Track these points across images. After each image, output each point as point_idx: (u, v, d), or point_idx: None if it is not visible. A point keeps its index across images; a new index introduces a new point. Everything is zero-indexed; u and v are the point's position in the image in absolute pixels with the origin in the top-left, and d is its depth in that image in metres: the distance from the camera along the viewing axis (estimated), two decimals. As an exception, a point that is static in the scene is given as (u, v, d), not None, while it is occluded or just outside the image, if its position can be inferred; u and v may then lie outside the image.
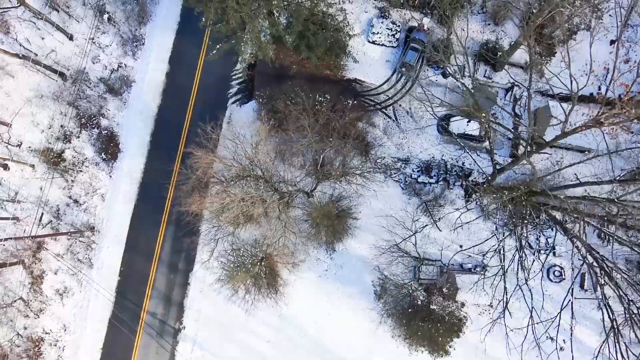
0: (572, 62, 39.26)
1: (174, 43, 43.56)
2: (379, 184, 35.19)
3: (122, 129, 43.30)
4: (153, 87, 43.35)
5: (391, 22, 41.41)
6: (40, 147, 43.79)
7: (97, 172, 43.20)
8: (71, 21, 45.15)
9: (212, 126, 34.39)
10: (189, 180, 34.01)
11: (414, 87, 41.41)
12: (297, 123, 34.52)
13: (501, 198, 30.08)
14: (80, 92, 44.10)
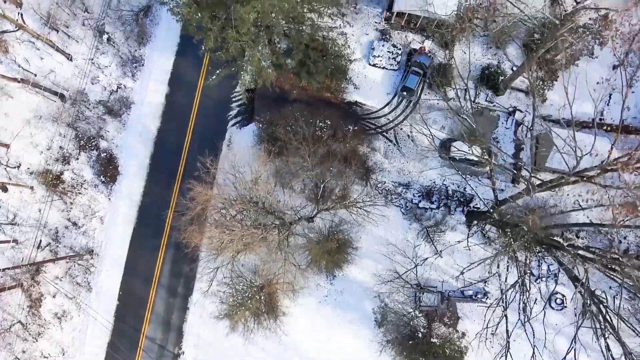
0: (574, 87, 39.27)
1: (174, 64, 43.28)
2: (379, 215, 34.82)
3: (121, 151, 43.05)
4: (152, 109, 43.09)
5: (392, 45, 41.11)
6: (39, 168, 43.57)
7: (96, 195, 42.97)
8: (70, 41, 44.89)
9: (210, 160, 34.07)
10: (187, 211, 33.72)
11: (415, 111, 41.18)
12: (297, 154, 34.26)
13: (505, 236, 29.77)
14: (80, 114, 43.87)
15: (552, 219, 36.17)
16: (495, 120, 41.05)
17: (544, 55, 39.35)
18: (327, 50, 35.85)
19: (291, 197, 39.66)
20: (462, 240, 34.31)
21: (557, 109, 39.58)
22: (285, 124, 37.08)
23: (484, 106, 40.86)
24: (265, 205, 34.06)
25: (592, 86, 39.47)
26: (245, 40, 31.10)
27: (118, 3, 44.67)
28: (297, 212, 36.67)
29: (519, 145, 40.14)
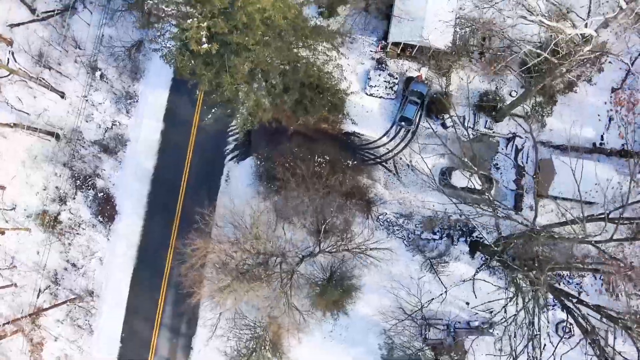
0: (573, 112, 38.98)
1: (168, 100, 42.76)
2: (383, 256, 34.35)
3: (118, 190, 42.51)
4: (148, 145, 42.56)
5: (388, 74, 40.70)
6: (35, 209, 42.99)
7: (95, 235, 42.43)
8: (63, 79, 44.31)
9: (209, 211, 33.71)
10: (187, 259, 33.26)
11: (413, 140, 40.77)
12: (297, 192, 33.89)
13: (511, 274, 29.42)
14: (75, 152, 43.32)
15: (557, 250, 35.84)
16: (495, 147, 40.68)
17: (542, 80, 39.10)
18: (323, 86, 35.33)
19: (292, 232, 39.27)
20: (466, 279, 33.88)
21: (556, 134, 39.28)
22: (283, 162, 36.68)
23: (483, 132, 40.49)
24: (267, 248, 33.62)
25: (592, 111, 39.32)
26: (241, 84, 30.64)
27: (110, 39, 44.13)
28: (299, 252, 36.29)
29: (520, 171, 39.76)
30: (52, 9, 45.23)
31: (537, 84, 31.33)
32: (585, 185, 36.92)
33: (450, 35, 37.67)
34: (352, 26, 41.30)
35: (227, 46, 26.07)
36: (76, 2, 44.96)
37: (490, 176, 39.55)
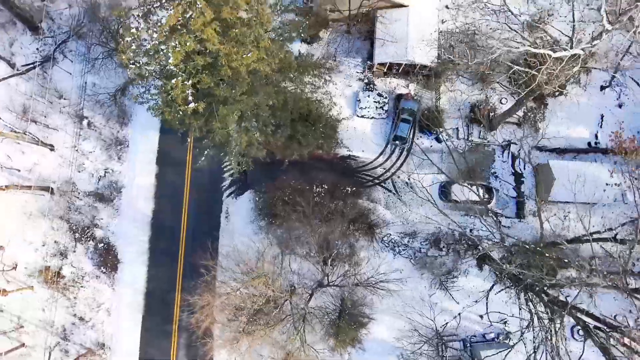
0: (564, 114, 38.97)
1: (159, 142, 42.35)
2: (394, 289, 34.07)
3: (118, 238, 41.99)
4: (144, 190, 42.09)
5: (377, 94, 40.51)
6: (36, 266, 42.36)
7: (99, 286, 41.85)
8: (50, 131, 43.79)
9: (212, 263, 33.35)
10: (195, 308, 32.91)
11: (409, 157, 40.60)
12: (299, 229, 33.67)
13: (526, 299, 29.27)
14: (70, 204, 42.78)
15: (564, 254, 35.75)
16: (491, 155, 40.60)
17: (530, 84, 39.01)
18: (314, 116, 35.04)
19: (298, 264, 38.96)
20: (478, 300, 33.74)
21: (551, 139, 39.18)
22: (281, 196, 36.39)
23: (478, 142, 40.39)
24: (275, 286, 33.33)
25: (583, 111, 39.30)
26: (231, 129, 30.29)
27: (94, 86, 43.67)
28: (308, 284, 36.04)
29: (519, 178, 39.67)
30: (31, 61, 44.83)
31: (528, 97, 31.24)
32: (585, 187, 37.04)
33: (435, 50, 37.53)
34: (336, 50, 41.18)
35: (214, 97, 25.73)
36: (55, 52, 44.58)
37: (490, 186, 39.44)
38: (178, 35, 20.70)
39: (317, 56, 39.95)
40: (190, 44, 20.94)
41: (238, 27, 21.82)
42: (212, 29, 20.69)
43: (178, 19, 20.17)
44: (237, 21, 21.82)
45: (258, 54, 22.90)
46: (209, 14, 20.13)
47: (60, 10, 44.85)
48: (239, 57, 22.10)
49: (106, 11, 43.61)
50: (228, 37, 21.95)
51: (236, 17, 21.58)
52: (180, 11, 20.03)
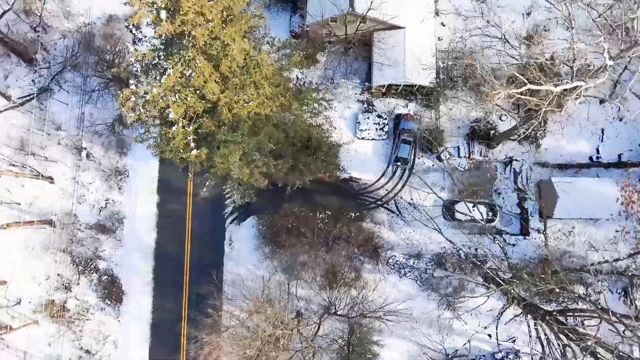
0: (565, 129, 38.79)
1: (159, 171, 42.09)
2: (402, 321, 33.88)
3: (122, 269, 41.74)
4: (146, 220, 41.85)
5: (377, 115, 40.34)
6: (41, 300, 42.13)
7: (105, 318, 41.60)
8: (49, 164, 43.51)
9: (217, 304, 33.16)
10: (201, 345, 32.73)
11: (411, 177, 40.44)
12: (304, 255, 33.53)
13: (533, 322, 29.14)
14: (72, 237, 42.53)
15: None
16: (493, 172, 40.39)
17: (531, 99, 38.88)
18: (315, 143, 34.79)
19: (305, 289, 38.79)
20: (488, 325, 33.63)
21: (554, 153, 39.12)
22: (285, 224, 36.22)
23: (480, 160, 40.25)
24: (282, 316, 33.14)
25: (584, 125, 39.19)
26: (233, 163, 30.07)
27: (91, 117, 43.40)
28: (314, 310, 35.88)
29: (522, 194, 39.55)
30: (27, 93, 44.51)
31: (528, 120, 31.14)
32: (588, 203, 37.01)
33: (433, 71, 37.37)
34: (334, 72, 41.00)
35: (215, 137, 25.49)
36: (51, 83, 44.27)
37: (493, 204, 39.31)
38: (178, 90, 20.52)
39: (315, 81, 39.81)
40: (190, 99, 20.73)
41: (237, 76, 21.64)
42: (213, 81, 20.53)
43: (178, 77, 20.00)
44: (237, 69, 21.64)
45: (259, 100, 22.70)
46: (208, 70, 19.94)
47: (54, 41, 44.53)
48: (239, 106, 21.91)
49: (100, 41, 43.43)
50: (228, 85, 21.76)
51: (236, 67, 21.40)
52: (180, 69, 19.84)
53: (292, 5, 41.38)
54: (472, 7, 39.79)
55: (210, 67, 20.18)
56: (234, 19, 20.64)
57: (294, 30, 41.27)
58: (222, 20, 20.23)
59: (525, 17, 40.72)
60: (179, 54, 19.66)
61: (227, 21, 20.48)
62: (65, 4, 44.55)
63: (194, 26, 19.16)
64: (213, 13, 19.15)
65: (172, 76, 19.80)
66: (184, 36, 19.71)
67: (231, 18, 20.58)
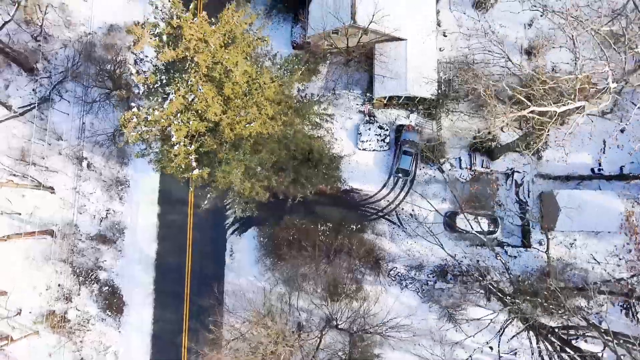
0: (566, 142, 38.68)
1: (160, 181, 41.97)
2: (405, 338, 33.79)
3: (122, 280, 41.67)
4: (147, 231, 41.77)
5: (378, 126, 40.26)
6: (41, 311, 42.06)
7: (105, 329, 41.54)
8: (49, 173, 43.43)
9: (217, 321, 33.09)
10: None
11: (413, 188, 40.37)
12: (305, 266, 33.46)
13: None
14: (73, 247, 42.45)
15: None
16: (495, 184, 40.33)
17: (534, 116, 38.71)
18: (316, 156, 34.71)
19: (305, 301, 38.72)
20: (489, 340, 33.55)
21: (556, 165, 39.05)
22: (286, 236, 36.14)
23: (481, 172, 40.17)
24: (283, 329, 33.08)
25: (585, 137, 39.14)
26: (234, 177, 29.99)
27: (92, 126, 43.34)
28: (316, 322, 35.80)
29: (523, 206, 39.46)
30: (28, 103, 44.45)
31: (529, 136, 31.09)
32: (590, 216, 36.92)
33: (435, 83, 37.29)
34: (335, 83, 40.92)
35: (217, 154, 25.42)
36: (52, 92, 44.19)
37: (494, 215, 39.22)
38: (181, 112, 20.43)
39: (316, 92, 39.74)
40: (193, 123, 20.65)
41: (239, 97, 21.55)
42: (216, 103, 20.44)
43: (180, 103, 19.89)
44: (239, 90, 21.57)
45: (261, 120, 22.62)
46: (211, 95, 19.84)
47: (55, 51, 44.45)
48: (242, 126, 21.83)
49: (101, 51, 43.36)
50: (230, 106, 21.67)
51: (238, 89, 21.30)
52: (182, 94, 19.74)
53: (294, 16, 41.28)
54: (474, 21, 39.56)
55: (213, 91, 20.12)
56: (237, 40, 20.56)
57: (295, 40, 41.18)
58: (224, 44, 20.13)
59: (527, 27, 40.66)
60: (181, 78, 19.57)
61: (229, 44, 20.41)
62: (66, 13, 44.49)
63: (196, 52, 19.08)
64: (215, 37, 19.04)
65: (175, 102, 19.72)
66: (186, 60, 19.66)
67: (233, 39, 20.51)
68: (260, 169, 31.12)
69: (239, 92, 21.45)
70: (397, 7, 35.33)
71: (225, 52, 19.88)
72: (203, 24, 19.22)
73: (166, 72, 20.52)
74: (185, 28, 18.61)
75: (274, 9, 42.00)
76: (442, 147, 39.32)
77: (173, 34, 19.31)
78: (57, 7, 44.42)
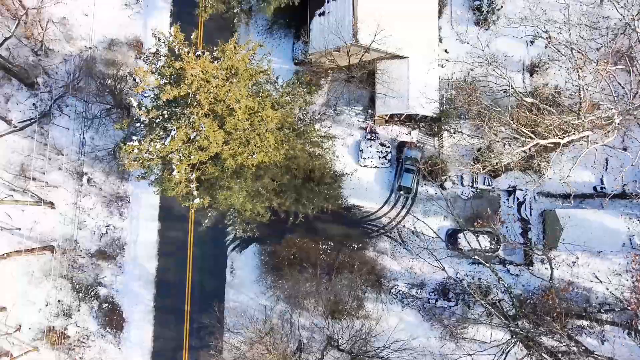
0: (569, 159, 38.53)
1: (161, 198, 41.66)
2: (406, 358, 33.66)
3: (123, 297, 41.46)
4: (147, 247, 41.58)
5: (380, 143, 40.10)
6: (40, 327, 41.84)
7: (105, 345, 41.33)
8: (49, 189, 43.27)
9: (217, 344, 32.92)
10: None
11: (414, 205, 40.22)
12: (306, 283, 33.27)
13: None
14: (73, 263, 42.26)
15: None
16: (497, 201, 40.20)
17: (535, 130, 38.55)
18: (316, 172, 34.49)
19: (307, 318, 38.54)
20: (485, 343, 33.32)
21: (558, 183, 38.86)
22: (287, 255, 35.97)
23: (483, 189, 40.03)
24: (284, 348, 32.89)
25: (588, 155, 38.94)
26: (235, 200, 29.80)
27: (92, 141, 43.17)
28: (315, 341, 35.60)
29: (525, 224, 39.29)
30: (28, 117, 44.29)
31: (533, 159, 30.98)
32: (593, 235, 36.76)
33: (437, 102, 37.16)
34: (337, 99, 40.78)
35: (217, 181, 25.22)
36: (52, 107, 44.04)
37: (496, 233, 39.07)
38: (182, 148, 20.27)
39: (317, 110, 39.61)
40: (194, 157, 20.47)
41: (241, 132, 21.38)
42: (218, 135, 20.27)
43: (182, 140, 19.70)
44: (241, 126, 21.38)
45: (263, 150, 22.44)
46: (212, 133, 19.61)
47: (55, 65, 44.30)
48: (243, 158, 21.66)
49: (102, 66, 43.20)
50: (232, 138, 21.50)
51: (240, 125, 21.13)
52: (184, 131, 19.57)
53: (295, 32, 41.17)
54: (477, 39, 39.20)
55: (215, 126, 19.94)
56: (239, 74, 20.39)
57: (297, 57, 41.07)
58: (227, 78, 19.97)
59: (529, 45, 40.54)
60: (183, 114, 19.39)
61: (231, 77, 20.26)
62: (66, 28, 44.34)
63: (198, 89, 18.91)
64: (218, 73, 18.85)
65: (176, 139, 19.54)
66: (188, 97, 19.48)
67: (235, 73, 20.36)
68: (262, 190, 30.95)
69: (240, 127, 21.29)
70: (399, 26, 35.15)
71: (228, 89, 19.69)
72: (205, 63, 19.06)
73: (168, 106, 20.38)
74: (188, 69, 18.46)
75: (275, 24, 41.89)
76: (443, 164, 39.16)
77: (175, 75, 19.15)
78: (58, 22, 44.29)
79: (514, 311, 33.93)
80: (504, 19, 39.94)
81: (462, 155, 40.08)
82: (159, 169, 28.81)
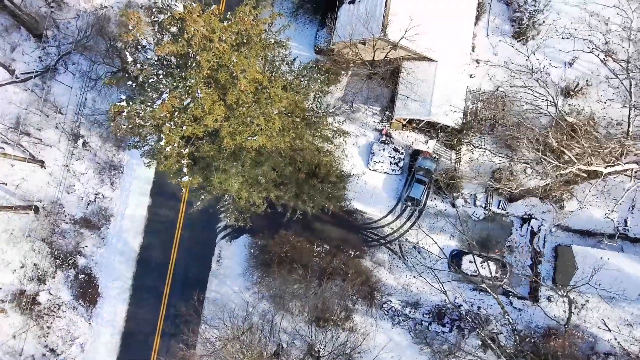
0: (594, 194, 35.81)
1: (156, 172, 39.46)
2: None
3: (101, 270, 39.29)
4: (134, 223, 39.38)
5: (393, 148, 37.62)
6: (12, 289, 39.81)
7: (75, 318, 39.20)
8: (42, 146, 41.21)
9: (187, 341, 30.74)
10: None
11: (421, 219, 37.70)
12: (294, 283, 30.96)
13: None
14: (55, 227, 40.16)
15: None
16: (509, 227, 37.54)
17: (561, 157, 35.86)
18: (322, 169, 32.12)
19: (289, 322, 36.17)
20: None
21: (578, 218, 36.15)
22: (279, 252, 33.61)
23: (497, 212, 37.42)
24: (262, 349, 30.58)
25: (614, 193, 36.25)
26: (230, 186, 27.46)
27: (93, 103, 41.08)
28: (295, 347, 33.27)
29: (537, 256, 36.64)
30: (32, 69, 42.25)
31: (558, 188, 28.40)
32: (608, 278, 34.06)
33: (461, 113, 34.62)
34: (355, 96, 38.35)
35: (213, 162, 22.91)
36: (57, 63, 41.98)
37: (504, 261, 36.46)
38: (174, 117, 17.92)
39: (332, 103, 37.21)
40: (187, 128, 18.16)
41: (245, 107, 19.00)
42: (217, 107, 17.91)
43: (173, 105, 17.31)
44: (245, 99, 19.01)
45: (267, 133, 20.06)
46: (210, 102, 17.22)
47: (67, 20, 42.25)
48: (243, 138, 19.30)
49: (114, 27, 41.09)
50: (233, 114, 19.12)
51: (244, 98, 18.73)
52: (177, 96, 17.14)
53: (321, 19, 38.82)
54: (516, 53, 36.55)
55: (214, 96, 17.54)
56: (251, 42, 17.92)
57: (319, 44, 38.70)
58: (236, 44, 17.54)
59: (567, 66, 37.88)
60: (180, 77, 17.04)
61: (241, 45, 17.81)
62: (85, -18, 42.37)
63: (200, 49, 16.58)
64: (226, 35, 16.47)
65: (166, 104, 17.16)
66: (187, 57, 17.15)
67: (247, 41, 17.89)
68: (262, 179, 28.59)
69: (244, 101, 18.90)
70: (432, 26, 32.69)
71: (235, 55, 17.27)
72: (211, 18, 16.69)
73: (166, 67, 18.06)
74: (189, 21, 16.01)
75: (301, 8, 39.57)
76: (458, 180, 36.62)
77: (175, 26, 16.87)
78: (76, -26, 42.31)
79: (514, 348, 31.30)
80: (544, 33, 37.28)
81: (479, 173, 37.49)
82: (153, 139, 26.58)
